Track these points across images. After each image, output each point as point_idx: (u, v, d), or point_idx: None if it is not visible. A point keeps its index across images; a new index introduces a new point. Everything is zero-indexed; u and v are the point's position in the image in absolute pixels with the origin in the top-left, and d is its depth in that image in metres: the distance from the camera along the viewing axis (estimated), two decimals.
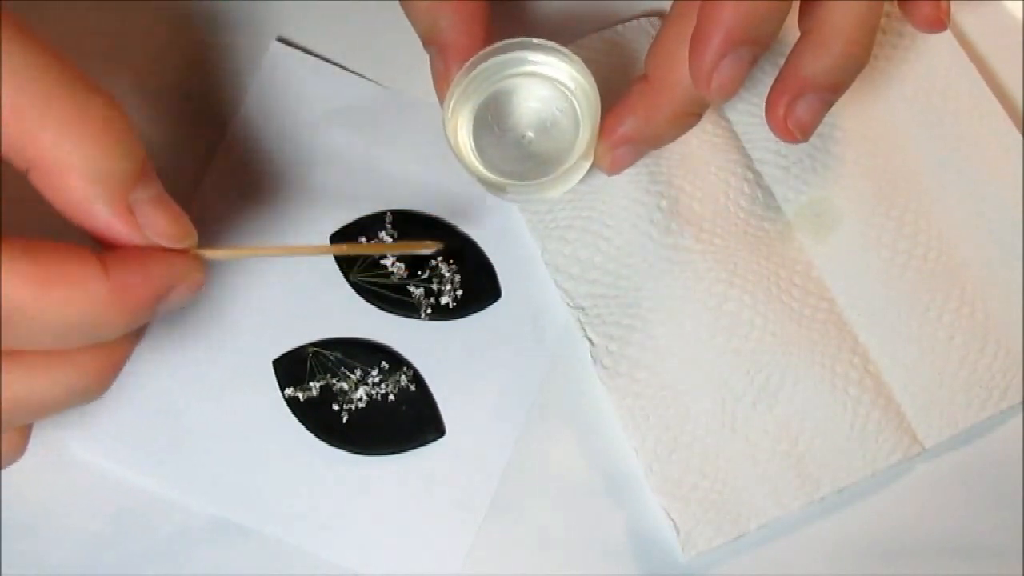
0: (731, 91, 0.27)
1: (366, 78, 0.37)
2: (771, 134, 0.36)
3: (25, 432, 0.26)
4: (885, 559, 0.34)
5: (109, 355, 0.24)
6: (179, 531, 0.33)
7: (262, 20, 0.37)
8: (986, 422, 0.35)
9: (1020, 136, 0.37)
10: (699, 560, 0.33)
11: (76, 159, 0.22)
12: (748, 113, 0.37)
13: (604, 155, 0.31)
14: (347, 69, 0.37)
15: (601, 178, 0.36)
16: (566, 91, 0.32)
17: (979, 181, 0.37)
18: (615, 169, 0.31)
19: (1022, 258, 0.36)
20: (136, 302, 0.23)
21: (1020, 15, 0.40)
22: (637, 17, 0.38)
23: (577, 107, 0.32)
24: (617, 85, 0.31)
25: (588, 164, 0.32)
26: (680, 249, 0.35)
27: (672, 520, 0.33)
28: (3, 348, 0.21)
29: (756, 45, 0.27)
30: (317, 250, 0.30)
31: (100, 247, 0.23)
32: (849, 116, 0.37)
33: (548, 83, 0.32)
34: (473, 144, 0.32)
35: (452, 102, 0.31)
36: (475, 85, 0.32)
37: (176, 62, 0.37)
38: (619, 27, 0.37)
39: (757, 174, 0.36)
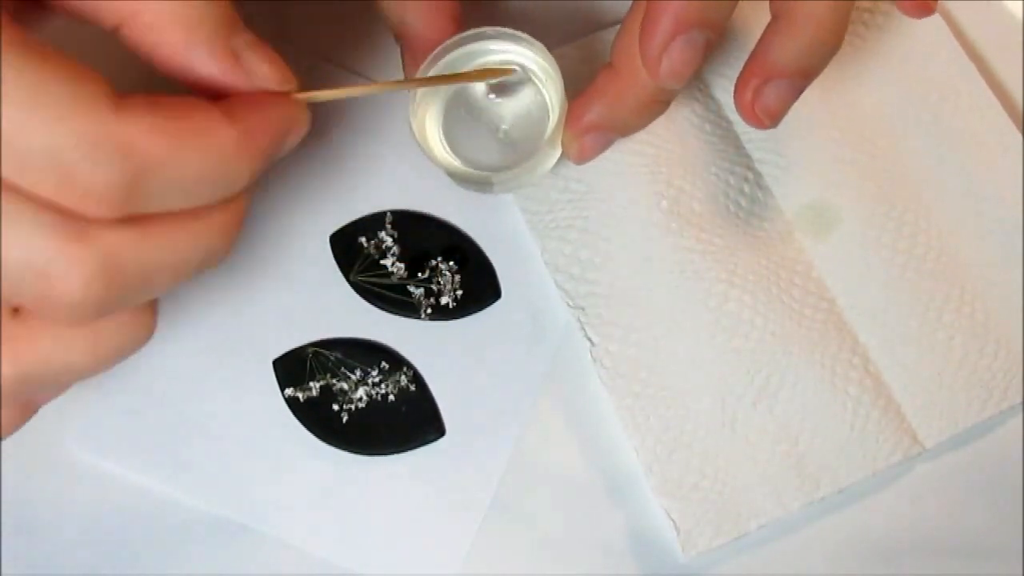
0: (683, 76, 0.26)
1: (366, 78, 0.37)
2: (771, 134, 0.37)
3: (155, 306, 0.24)
4: (885, 559, 0.34)
5: (234, 210, 0.23)
6: (179, 531, 0.33)
7: (262, 20, 0.37)
8: (986, 422, 0.35)
9: (1020, 136, 0.37)
10: (699, 560, 0.33)
11: (171, 8, 0.21)
12: None
13: (571, 143, 0.30)
14: (347, 69, 0.37)
15: (601, 178, 0.36)
16: (534, 78, 0.32)
17: (979, 181, 0.37)
18: (583, 158, 0.31)
19: (1022, 258, 0.36)
20: (261, 147, 0.22)
21: (1020, 15, 0.40)
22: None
23: (546, 95, 0.32)
24: None
25: (556, 153, 0.31)
26: (680, 249, 0.35)
27: (672, 520, 0.33)
28: (141, 212, 0.20)
29: (708, 28, 0.26)
30: (417, 83, 0.30)
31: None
32: (848, 116, 0.37)
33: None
34: (443, 138, 0.32)
35: (417, 97, 0.31)
36: None
37: None
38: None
39: (757, 174, 0.36)
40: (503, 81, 0.32)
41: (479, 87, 0.32)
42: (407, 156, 0.36)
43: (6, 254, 0.19)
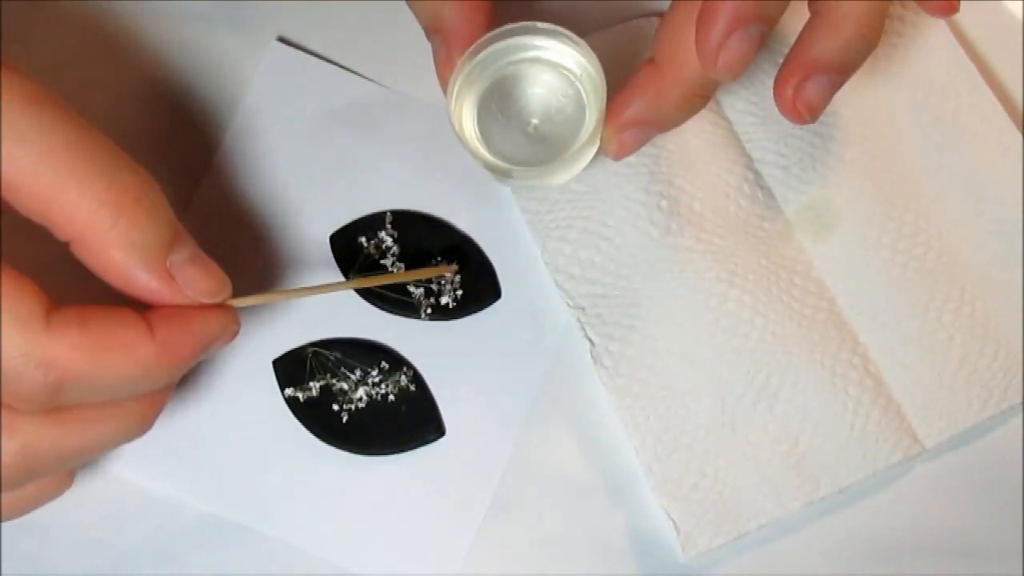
0: (738, 70, 0.27)
1: (366, 78, 0.37)
2: (771, 134, 0.37)
3: (73, 470, 0.28)
4: (885, 559, 0.34)
5: (154, 400, 0.26)
6: (179, 531, 0.33)
7: (262, 20, 0.37)
8: (986, 422, 0.35)
9: (1020, 136, 0.37)
10: (699, 560, 0.33)
11: (113, 234, 0.23)
12: (748, 113, 0.37)
13: (610, 139, 0.31)
14: (347, 69, 0.37)
15: (601, 178, 0.36)
16: (571, 76, 0.32)
17: (979, 181, 0.37)
18: (621, 153, 0.31)
19: (1022, 258, 0.36)
20: (181, 358, 0.25)
21: (1020, 15, 0.40)
22: (637, 17, 0.38)
23: (583, 92, 0.32)
24: (617, 84, 0.30)
25: (594, 149, 0.32)
26: (680, 249, 0.35)
27: (672, 520, 0.33)
28: (61, 406, 0.24)
29: (763, 22, 0.27)
30: (345, 286, 0.32)
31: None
32: (849, 116, 0.37)
33: (553, 68, 0.32)
34: (478, 131, 0.32)
35: (456, 89, 0.31)
36: (479, 72, 0.31)
37: (176, 62, 0.37)
38: (620, 27, 0.37)
39: (757, 174, 0.36)
40: (536, 76, 0.32)
41: (512, 80, 0.32)
42: (407, 156, 0.36)
43: None
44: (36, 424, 0.24)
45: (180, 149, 0.36)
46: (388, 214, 0.35)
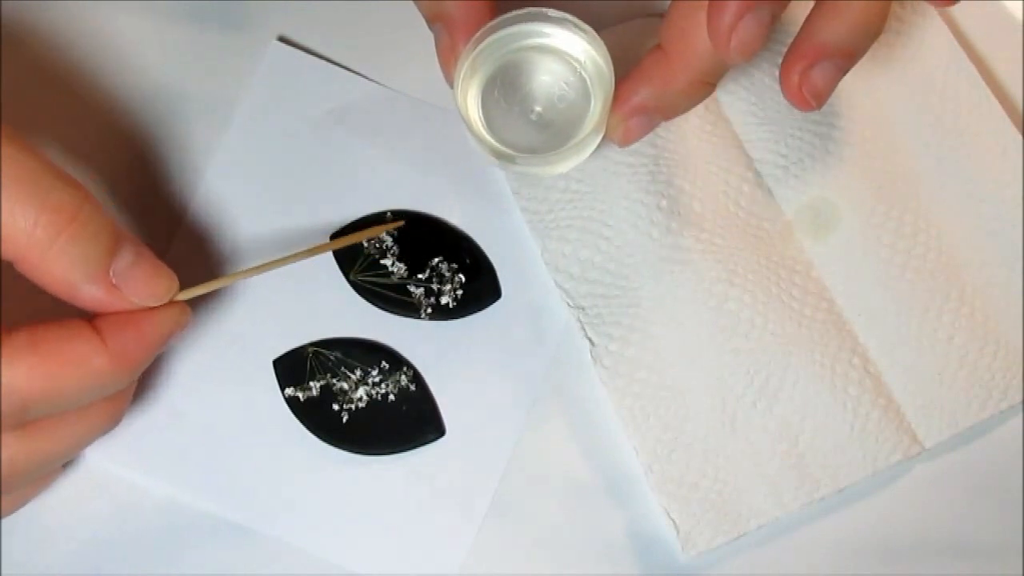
0: (751, 51, 0.27)
1: (366, 78, 0.37)
2: (771, 134, 0.37)
3: (58, 468, 0.29)
4: (885, 559, 0.34)
5: (119, 397, 0.27)
6: (179, 531, 0.33)
7: (262, 20, 0.37)
8: (986, 422, 0.35)
9: (1020, 136, 0.37)
10: (699, 560, 0.33)
11: (52, 253, 0.24)
12: (748, 113, 0.37)
13: (616, 126, 0.31)
14: (347, 69, 0.37)
15: (602, 178, 0.36)
16: (576, 64, 0.32)
17: (979, 181, 0.37)
18: (628, 140, 0.31)
19: (1022, 258, 0.36)
20: (135, 361, 0.26)
21: (1020, 15, 0.40)
22: (636, 18, 0.38)
23: (587, 80, 0.32)
24: (625, 76, 0.30)
25: (598, 138, 0.31)
26: (680, 249, 0.35)
27: (672, 520, 0.33)
28: (26, 421, 0.25)
29: (774, 3, 0.27)
30: (296, 257, 0.31)
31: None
32: (849, 116, 0.37)
33: (558, 56, 0.32)
34: (483, 117, 0.32)
35: (461, 76, 0.31)
36: (483, 58, 0.31)
37: (176, 62, 0.37)
38: (618, 27, 0.37)
39: (757, 174, 0.36)
40: (541, 63, 0.32)
41: (516, 68, 0.32)
42: (407, 156, 0.36)
43: None
44: (9, 441, 0.25)
45: (181, 149, 0.36)
46: (388, 214, 0.35)
